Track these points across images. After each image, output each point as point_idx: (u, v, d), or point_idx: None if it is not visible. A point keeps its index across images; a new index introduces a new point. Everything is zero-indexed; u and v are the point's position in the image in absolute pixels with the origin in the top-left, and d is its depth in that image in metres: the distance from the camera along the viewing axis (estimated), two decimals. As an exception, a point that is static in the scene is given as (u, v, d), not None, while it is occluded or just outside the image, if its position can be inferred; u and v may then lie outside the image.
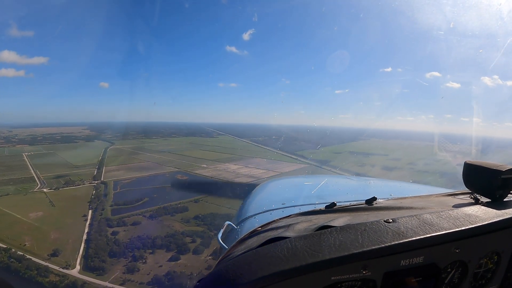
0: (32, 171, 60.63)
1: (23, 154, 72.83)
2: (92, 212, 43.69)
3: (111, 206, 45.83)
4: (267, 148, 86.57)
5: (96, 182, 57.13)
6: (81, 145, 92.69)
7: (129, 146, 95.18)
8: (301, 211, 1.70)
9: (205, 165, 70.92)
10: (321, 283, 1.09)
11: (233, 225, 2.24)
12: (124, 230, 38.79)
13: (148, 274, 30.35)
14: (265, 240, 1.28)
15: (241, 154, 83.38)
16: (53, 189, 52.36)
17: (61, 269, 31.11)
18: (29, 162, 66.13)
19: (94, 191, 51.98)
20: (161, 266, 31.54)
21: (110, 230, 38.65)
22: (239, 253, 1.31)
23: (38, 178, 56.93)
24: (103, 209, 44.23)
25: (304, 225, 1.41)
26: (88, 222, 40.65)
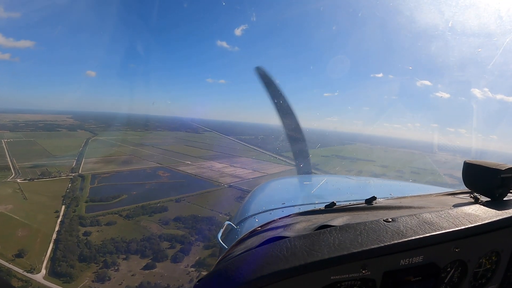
0: (8, 159, 58.23)
1: (2, 140, 70.25)
2: (65, 208, 41.46)
3: (86, 202, 43.68)
4: (254, 147, 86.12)
5: (73, 174, 54.95)
6: (63, 134, 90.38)
7: (112, 137, 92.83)
8: (301, 211, 1.67)
9: (189, 162, 69.38)
10: (320, 282, 1.11)
11: (233, 225, 2.14)
12: (98, 231, 36.66)
13: (120, 284, 28.42)
14: (264, 239, 1.28)
15: (227, 152, 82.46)
16: (28, 179, 50.14)
17: (25, 273, 28.99)
18: (6, 149, 63.56)
19: (70, 185, 49.80)
20: (134, 275, 29.52)
21: (83, 229, 36.55)
22: (239, 252, 1.31)
23: (13, 167, 54.60)
24: (77, 205, 42.00)
25: (304, 225, 1.41)
26: (59, 219, 38.46)
